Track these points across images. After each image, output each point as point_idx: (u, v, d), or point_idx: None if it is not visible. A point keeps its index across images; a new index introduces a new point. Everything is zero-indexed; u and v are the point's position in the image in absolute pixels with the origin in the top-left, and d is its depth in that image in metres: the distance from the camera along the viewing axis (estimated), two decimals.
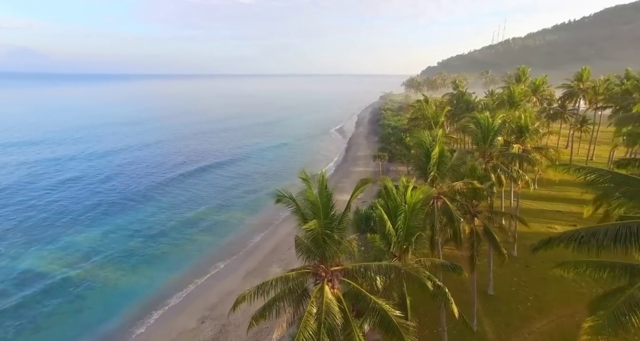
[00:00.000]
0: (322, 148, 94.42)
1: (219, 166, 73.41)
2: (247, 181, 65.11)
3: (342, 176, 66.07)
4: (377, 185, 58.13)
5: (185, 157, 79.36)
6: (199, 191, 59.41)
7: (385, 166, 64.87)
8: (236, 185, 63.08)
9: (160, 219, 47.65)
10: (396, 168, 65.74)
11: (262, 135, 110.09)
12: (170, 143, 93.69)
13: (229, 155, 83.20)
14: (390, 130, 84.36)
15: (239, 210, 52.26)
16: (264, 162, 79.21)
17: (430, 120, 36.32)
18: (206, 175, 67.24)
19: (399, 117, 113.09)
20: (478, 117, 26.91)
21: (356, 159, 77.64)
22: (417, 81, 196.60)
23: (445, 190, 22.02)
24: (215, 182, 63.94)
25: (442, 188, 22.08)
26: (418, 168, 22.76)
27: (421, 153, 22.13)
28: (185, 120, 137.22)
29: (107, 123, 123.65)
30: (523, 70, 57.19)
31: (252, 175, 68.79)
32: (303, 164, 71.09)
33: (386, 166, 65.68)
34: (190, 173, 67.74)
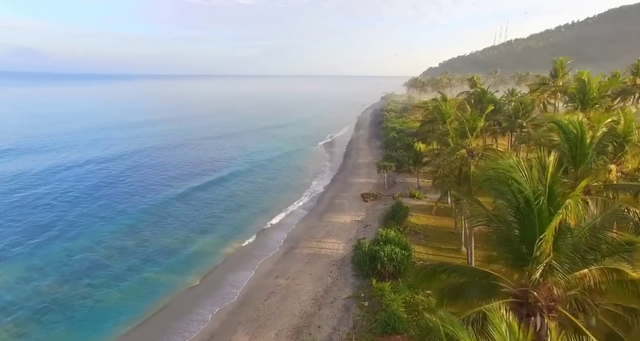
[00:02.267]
0: (316, 156, 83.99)
1: (181, 198, 52.58)
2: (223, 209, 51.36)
3: (340, 189, 55.73)
4: (381, 202, 47.90)
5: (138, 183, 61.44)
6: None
7: (391, 178, 54.57)
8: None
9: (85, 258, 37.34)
10: (404, 180, 55.44)
11: (251, 144, 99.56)
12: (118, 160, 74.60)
13: (203, 175, 64.50)
14: (395, 134, 74.14)
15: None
16: (255, 176, 68.53)
17: (466, 124, 26.38)
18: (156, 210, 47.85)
19: (403, 119, 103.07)
20: (563, 123, 16.07)
21: (356, 168, 67.33)
22: (420, 81, 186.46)
23: (561, 293, 10.39)
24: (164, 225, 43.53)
25: (552, 289, 10.31)
26: (503, 243, 11.30)
27: (507, 212, 10.88)
28: (167, 127, 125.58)
29: (91, 128, 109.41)
30: (561, 63, 47.17)
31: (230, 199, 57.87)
32: (289, 182, 60.71)
33: (392, 177, 55.37)
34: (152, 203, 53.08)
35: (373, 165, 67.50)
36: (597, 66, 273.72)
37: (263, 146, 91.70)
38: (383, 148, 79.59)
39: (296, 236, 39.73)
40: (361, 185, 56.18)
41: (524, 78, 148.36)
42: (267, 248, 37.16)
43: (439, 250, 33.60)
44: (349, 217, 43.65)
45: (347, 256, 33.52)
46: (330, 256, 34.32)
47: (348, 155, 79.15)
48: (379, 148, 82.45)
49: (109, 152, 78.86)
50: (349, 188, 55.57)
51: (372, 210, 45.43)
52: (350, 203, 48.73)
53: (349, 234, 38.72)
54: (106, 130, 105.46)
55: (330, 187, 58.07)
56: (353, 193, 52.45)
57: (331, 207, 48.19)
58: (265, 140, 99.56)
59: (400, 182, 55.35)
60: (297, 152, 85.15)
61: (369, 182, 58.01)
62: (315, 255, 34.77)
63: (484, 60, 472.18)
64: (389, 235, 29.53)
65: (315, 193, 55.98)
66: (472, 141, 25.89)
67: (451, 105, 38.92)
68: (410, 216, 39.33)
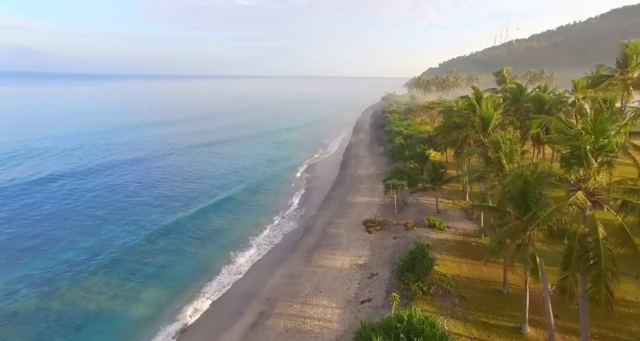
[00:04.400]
0: (310, 166, 72.18)
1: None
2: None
3: (335, 212, 43.81)
4: (390, 234, 36.02)
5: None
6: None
7: (400, 196, 42.58)
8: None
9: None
10: (417, 201, 43.59)
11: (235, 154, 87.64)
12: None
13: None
14: (402, 141, 62.30)
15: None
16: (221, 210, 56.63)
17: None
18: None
19: (408, 122, 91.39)
20: None
21: (356, 181, 55.42)
22: (425, 80, 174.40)
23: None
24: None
25: None
26: None
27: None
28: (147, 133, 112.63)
29: (72, 133, 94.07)
30: (635, 47, 35.48)
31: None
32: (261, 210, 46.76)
33: (402, 196, 43.42)
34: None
35: (376, 178, 55.71)
36: (599, 66, 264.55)
37: (251, 153, 79.86)
38: (387, 156, 67.76)
39: (272, 293, 27.81)
40: (363, 207, 44.29)
41: (538, 76, 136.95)
42: (222, 319, 25.15)
43: (485, 327, 21.70)
44: (348, 259, 31.77)
45: (344, 337, 21.65)
46: (318, 336, 22.42)
47: (346, 164, 67.17)
48: (382, 155, 70.62)
49: (79, 164, 65.19)
50: (347, 210, 43.63)
51: (379, 246, 33.53)
52: (348, 234, 36.80)
53: (347, 291, 26.82)
54: (88, 137, 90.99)
55: (323, 207, 46.15)
56: (353, 219, 40.52)
57: (323, 240, 36.27)
58: (256, 146, 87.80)
59: (413, 202, 43.48)
60: (286, 160, 73.24)
61: (373, 201, 46.11)
62: (296, 333, 22.87)
63: (485, 61, 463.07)
64: (413, 319, 17.58)
65: (304, 216, 44.15)
66: (593, 171, 13.69)
67: (487, 106, 27.24)
68: (434, 260, 27.40)
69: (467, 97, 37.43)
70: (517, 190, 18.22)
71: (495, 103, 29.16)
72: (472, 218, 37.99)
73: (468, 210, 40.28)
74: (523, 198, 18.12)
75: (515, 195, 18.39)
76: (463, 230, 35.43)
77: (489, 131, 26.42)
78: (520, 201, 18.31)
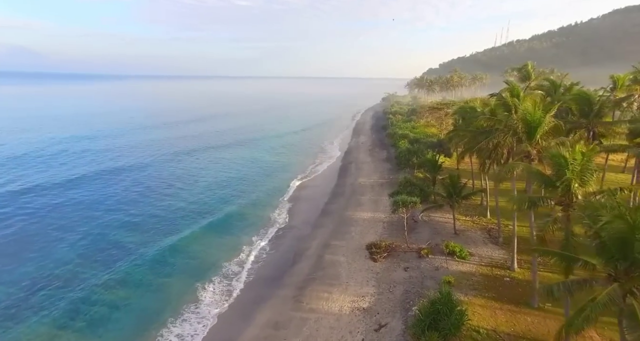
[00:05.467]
0: (304, 173, 65.65)
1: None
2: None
3: (333, 231, 37.10)
4: (400, 264, 29.38)
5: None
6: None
7: (411, 213, 35.80)
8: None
9: None
10: (429, 218, 36.91)
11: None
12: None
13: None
14: (408, 146, 55.68)
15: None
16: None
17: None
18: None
19: (412, 123, 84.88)
20: None
21: (357, 192, 48.75)
22: (427, 80, 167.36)
23: None
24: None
25: None
26: None
27: None
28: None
29: (53, 138, 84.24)
30: None
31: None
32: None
33: (412, 213, 36.61)
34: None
35: (380, 189, 49.10)
36: (602, 67, 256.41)
37: (242, 158, 73.26)
38: (391, 162, 61.16)
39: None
40: (365, 225, 37.62)
41: (549, 75, 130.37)
42: None
43: None
44: (348, 299, 25.08)
45: None
46: None
47: (345, 171, 60.46)
48: (385, 161, 63.98)
49: (53, 174, 58.16)
50: (347, 229, 36.92)
51: (387, 281, 26.83)
52: (349, 263, 30.10)
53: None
54: (71, 142, 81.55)
55: (318, 225, 39.44)
56: (354, 242, 33.83)
57: (318, 270, 29.57)
58: (248, 151, 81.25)
59: (424, 219, 36.79)
60: (278, 167, 66.57)
61: (377, 217, 39.42)
62: None
63: (486, 61, 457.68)
64: None
65: (296, 236, 37.47)
66: None
67: (536, 106, 20.56)
68: (465, 314, 20.68)
69: (499, 94, 30.87)
70: (616, 237, 11.63)
71: (543, 103, 22.41)
72: (497, 241, 31.38)
73: (491, 230, 33.68)
74: (625, 249, 11.54)
75: (611, 244, 11.81)
76: (489, 258, 28.82)
77: (536, 139, 19.89)
78: (619, 253, 11.74)
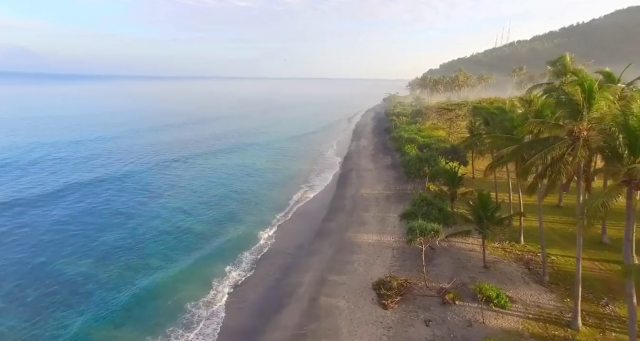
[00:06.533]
0: (299, 182, 58.75)
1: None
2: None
3: (331, 261, 30.09)
4: (418, 313, 22.42)
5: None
6: None
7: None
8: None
9: None
10: (450, 244, 29.90)
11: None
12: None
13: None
14: (417, 152, 48.76)
15: None
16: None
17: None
18: None
19: (417, 125, 78.04)
20: None
21: (359, 206, 41.74)
22: (432, 80, 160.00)
23: None
24: None
25: None
26: None
27: None
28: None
29: (30, 146, 74.84)
30: None
31: None
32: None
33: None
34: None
35: (385, 202, 42.20)
36: (605, 67, 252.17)
37: (231, 164, 66.30)
38: (396, 168, 54.34)
39: None
40: (371, 251, 30.63)
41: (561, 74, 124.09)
42: None
43: None
44: None
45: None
46: None
47: (345, 180, 53.44)
48: (390, 168, 57.07)
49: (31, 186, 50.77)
50: (349, 258, 29.90)
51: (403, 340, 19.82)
52: (351, 311, 23.06)
53: None
54: (53, 148, 72.70)
55: (312, 251, 32.38)
56: (357, 277, 26.82)
57: (309, 322, 22.49)
58: (240, 156, 74.35)
59: (444, 246, 29.81)
60: (270, 175, 59.58)
61: (384, 241, 32.46)
62: None
63: (487, 62, 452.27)
64: None
65: (283, 266, 30.39)
66: None
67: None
68: None
69: (560, 89, 24.07)
70: None
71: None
72: (542, 280, 24.41)
73: (530, 262, 26.74)
74: None
75: None
76: (537, 307, 21.87)
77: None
78: None
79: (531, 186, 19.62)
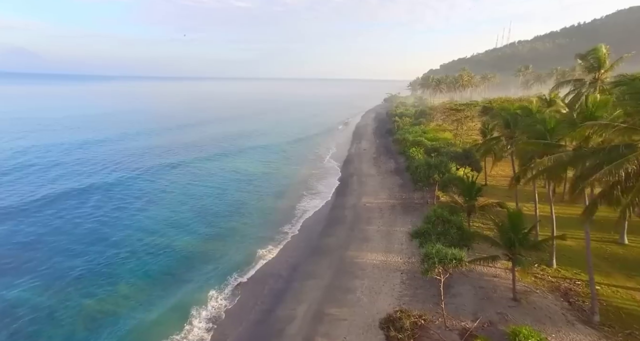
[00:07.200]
0: (296, 197, 54.30)
1: None
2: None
3: (331, 285, 25.58)
4: None
5: None
6: None
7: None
8: None
9: None
10: (474, 270, 25.23)
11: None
12: None
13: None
14: (424, 156, 44.25)
15: None
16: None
17: None
18: None
19: (422, 127, 73.60)
20: None
21: (361, 218, 37.23)
22: (434, 79, 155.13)
23: None
24: None
25: None
26: None
27: None
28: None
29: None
30: None
31: None
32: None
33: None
34: None
35: (390, 213, 37.70)
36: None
37: (222, 169, 61.79)
38: (401, 174, 49.93)
39: None
40: (376, 276, 26.08)
41: (568, 75, 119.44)
42: None
43: None
44: None
45: None
46: None
47: (344, 187, 48.85)
48: (394, 173, 52.61)
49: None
50: (350, 284, 25.34)
51: None
52: None
53: None
54: (37, 153, 67.47)
55: (307, 274, 27.81)
56: (361, 311, 22.24)
57: None
58: (232, 161, 69.89)
59: (462, 270, 25.21)
60: (265, 182, 55.07)
61: (391, 262, 27.93)
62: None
63: (488, 63, 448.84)
64: None
65: (271, 293, 25.84)
66: None
67: None
68: None
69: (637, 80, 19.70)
70: None
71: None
72: (591, 319, 19.81)
73: (569, 293, 22.19)
74: None
75: None
76: None
77: None
78: None
79: (588, 210, 15.06)
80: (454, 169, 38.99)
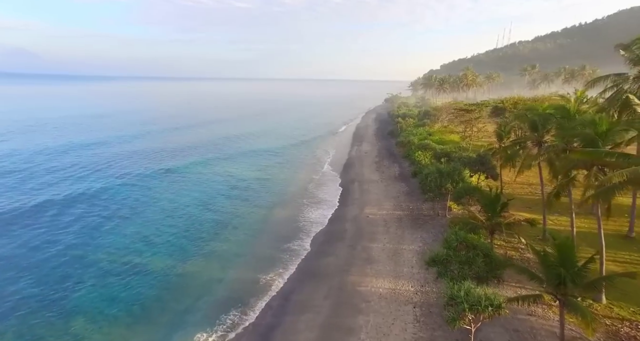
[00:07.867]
0: (292, 206, 49.76)
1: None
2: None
3: (329, 324, 21.18)
4: None
5: None
6: None
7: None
8: None
9: None
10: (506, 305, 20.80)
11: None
12: None
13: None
14: (431, 162, 39.84)
15: None
16: None
17: None
18: None
19: (426, 128, 69.35)
20: None
21: (364, 233, 32.83)
22: (437, 78, 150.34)
23: None
24: None
25: None
26: None
27: None
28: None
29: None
30: None
31: None
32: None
33: None
34: None
35: (397, 227, 33.31)
36: (609, 69, 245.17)
37: (215, 174, 57.31)
38: (406, 180, 45.59)
39: None
40: (384, 312, 21.65)
41: (577, 73, 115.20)
42: None
43: None
44: None
45: None
46: None
47: (345, 196, 44.33)
48: (398, 180, 48.18)
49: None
50: (352, 323, 20.90)
51: None
52: None
53: None
54: (23, 156, 63.94)
55: (301, 304, 23.36)
56: None
57: None
58: (225, 167, 65.49)
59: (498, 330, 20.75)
60: (260, 188, 50.62)
61: (401, 292, 23.51)
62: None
63: (488, 62, 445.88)
64: None
65: (257, 330, 21.39)
66: None
67: None
68: None
69: None
70: None
71: None
72: None
73: None
74: None
75: None
76: None
77: None
78: None
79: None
80: (467, 176, 34.59)
